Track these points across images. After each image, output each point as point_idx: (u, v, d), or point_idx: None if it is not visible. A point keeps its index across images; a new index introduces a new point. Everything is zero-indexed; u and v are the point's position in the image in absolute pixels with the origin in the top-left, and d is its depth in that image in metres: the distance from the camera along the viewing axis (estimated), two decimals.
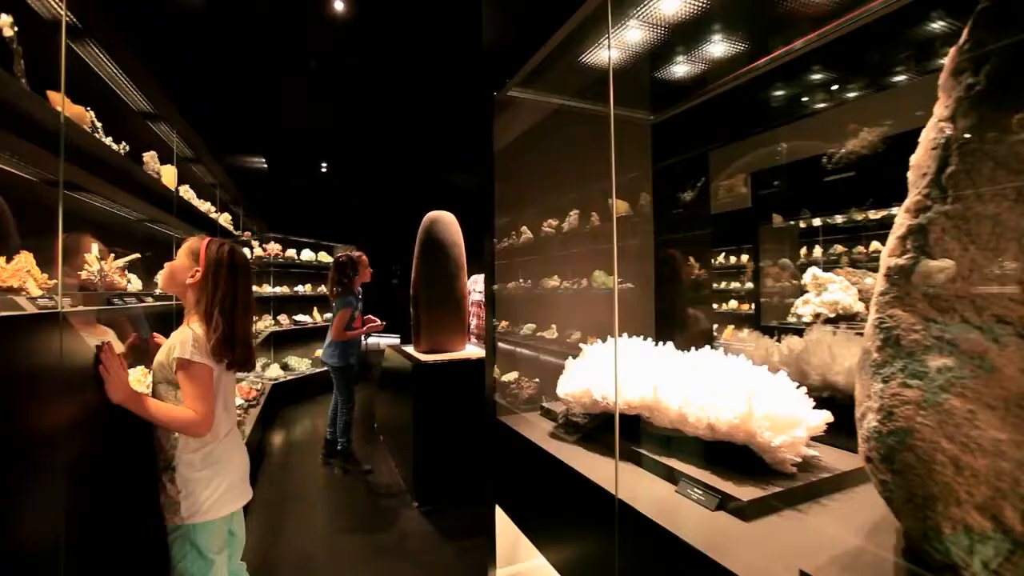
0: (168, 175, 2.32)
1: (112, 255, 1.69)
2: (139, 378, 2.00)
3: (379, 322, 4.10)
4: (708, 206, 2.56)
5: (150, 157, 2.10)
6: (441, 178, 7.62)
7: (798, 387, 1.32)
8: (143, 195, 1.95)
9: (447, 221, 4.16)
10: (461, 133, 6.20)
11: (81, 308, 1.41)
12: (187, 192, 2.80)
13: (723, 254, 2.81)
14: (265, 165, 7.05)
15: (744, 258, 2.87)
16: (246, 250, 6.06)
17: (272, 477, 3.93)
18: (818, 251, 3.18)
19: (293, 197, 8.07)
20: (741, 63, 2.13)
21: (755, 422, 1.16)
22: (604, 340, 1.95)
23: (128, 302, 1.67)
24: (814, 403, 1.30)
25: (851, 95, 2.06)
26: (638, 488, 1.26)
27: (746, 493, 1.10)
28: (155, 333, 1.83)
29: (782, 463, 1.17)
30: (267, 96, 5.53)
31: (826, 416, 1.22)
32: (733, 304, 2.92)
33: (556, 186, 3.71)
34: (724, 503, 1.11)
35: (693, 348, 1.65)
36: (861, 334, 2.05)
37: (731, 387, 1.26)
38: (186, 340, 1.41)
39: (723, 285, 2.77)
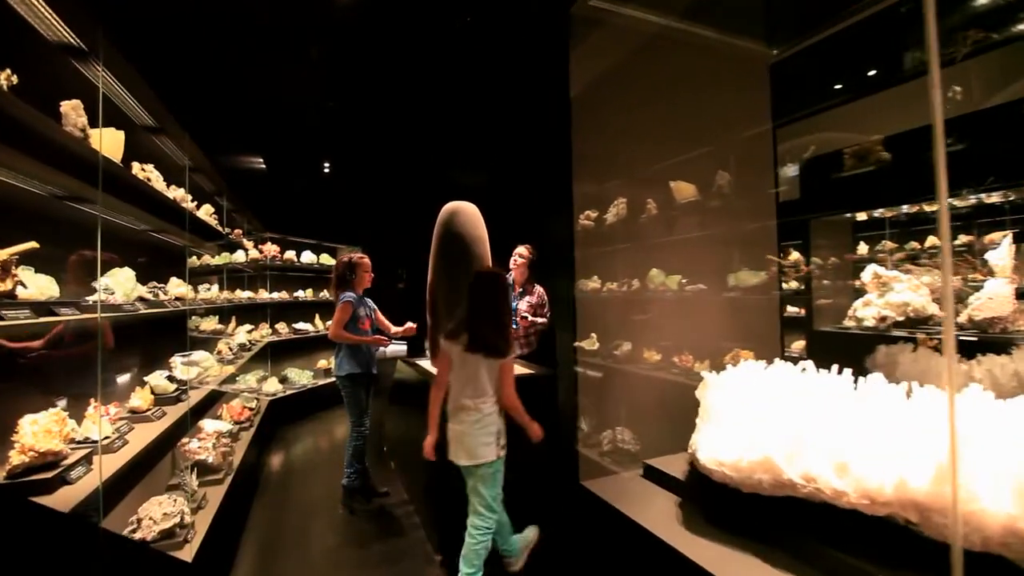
0: (109, 140, 1.70)
1: None
2: (49, 428, 1.38)
3: (390, 335, 3.49)
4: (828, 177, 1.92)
5: (71, 107, 1.48)
6: (449, 177, 7.00)
7: None
8: (52, 159, 1.34)
9: (469, 212, 3.51)
10: (472, 125, 5.58)
11: None
12: (149, 172, 2.18)
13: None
14: (262, 162, 6.45)
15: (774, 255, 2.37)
16: (240, 251, 5.47)
17: (265, 515, 3.29)
18: (863, 248, 2.67)
19: (291, 194, 7.46)
20: None
21: None
22: (689, 357, 1.32)
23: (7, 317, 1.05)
24: None
25: None
26: None
27: None
28: None
29: None
30: (263, 90, 4.93)
31: None
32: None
33: (594, 171, 3.07)
34: None
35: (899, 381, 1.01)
36: None
37: None
38: None
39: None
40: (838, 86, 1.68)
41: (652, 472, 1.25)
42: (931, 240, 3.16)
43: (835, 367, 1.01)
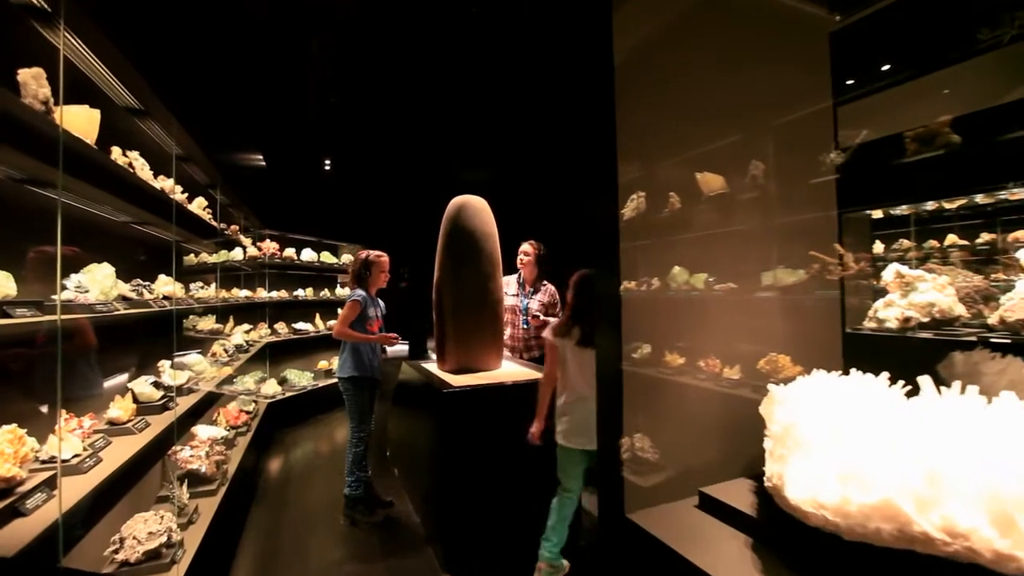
0: (81, 118, 1.51)
1: None
2: (1, 449, 1.19)
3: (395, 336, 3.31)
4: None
5: (31, 76, 1.28)
6: (456, 170, 6.79)
7: None
8: (7, 135, 1.14)
9: (478, 207, 3.33)
10: (484, 113, 5.38)
11: None
12: (133, 158, 1.99)
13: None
14: (261, 158, 6.26)
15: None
16: (238, 249, 5.27)
17: (261, 528, 3.11)
18: (879, 246, 2.49)
19: (291, 190, 7.24)
20: None
21: None
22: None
23: None
24: None
25: None
26: None
27: None
28: None
29: None
30: (262, 85, 4.74)
31: None
32: None
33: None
34: None
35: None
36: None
37: None
38: None
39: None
40: (909, 58, 1.48)
41: (711, 503, 1.05)
42: (951, 238, 2.96)
43: (957, 384, 0.82)
